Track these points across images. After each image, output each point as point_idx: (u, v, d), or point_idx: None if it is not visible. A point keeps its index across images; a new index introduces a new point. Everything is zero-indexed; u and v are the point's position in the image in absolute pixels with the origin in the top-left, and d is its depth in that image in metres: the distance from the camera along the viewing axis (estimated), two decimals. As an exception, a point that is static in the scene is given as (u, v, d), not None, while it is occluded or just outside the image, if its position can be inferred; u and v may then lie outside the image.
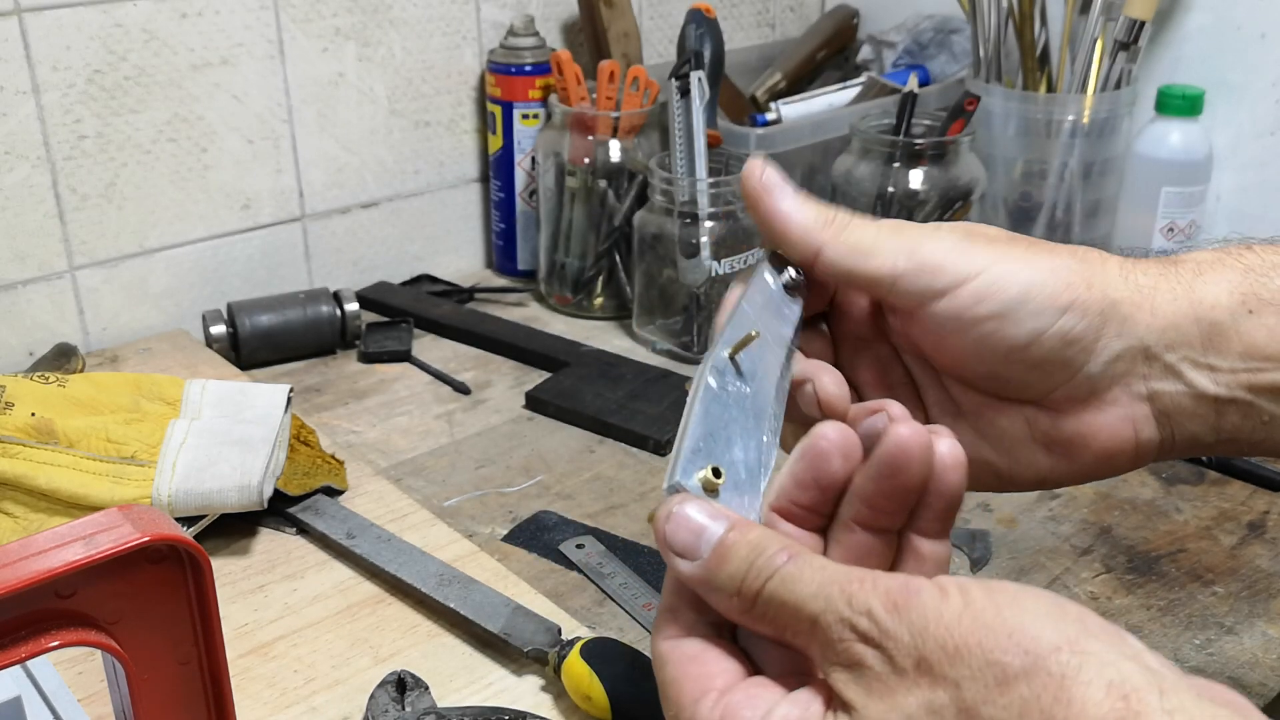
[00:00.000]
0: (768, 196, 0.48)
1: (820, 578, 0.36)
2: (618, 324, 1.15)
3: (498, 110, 1.19)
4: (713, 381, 0.43)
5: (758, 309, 0.48)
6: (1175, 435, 0.48)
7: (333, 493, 0.83)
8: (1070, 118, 1.10)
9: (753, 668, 0.40)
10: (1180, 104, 1.13)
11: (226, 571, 0.75)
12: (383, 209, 1.20)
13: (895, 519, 0.40)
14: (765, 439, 0.44)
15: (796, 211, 0.47)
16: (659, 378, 1.01)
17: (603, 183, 1.13)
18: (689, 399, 0.43)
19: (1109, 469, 0.48)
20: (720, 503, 0.40)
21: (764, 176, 0.48)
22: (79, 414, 0.79)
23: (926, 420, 0.50)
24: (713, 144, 1.08)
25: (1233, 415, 0.47)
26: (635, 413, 0.95)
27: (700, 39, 1.10)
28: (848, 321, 0.52)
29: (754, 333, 0.45)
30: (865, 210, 1.06)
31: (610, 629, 0.72)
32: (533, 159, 1.19)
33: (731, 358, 0.45)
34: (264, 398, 0.84)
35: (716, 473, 0.41)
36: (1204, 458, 0.88)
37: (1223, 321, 0.46)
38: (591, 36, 1.22)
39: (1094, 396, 0.47)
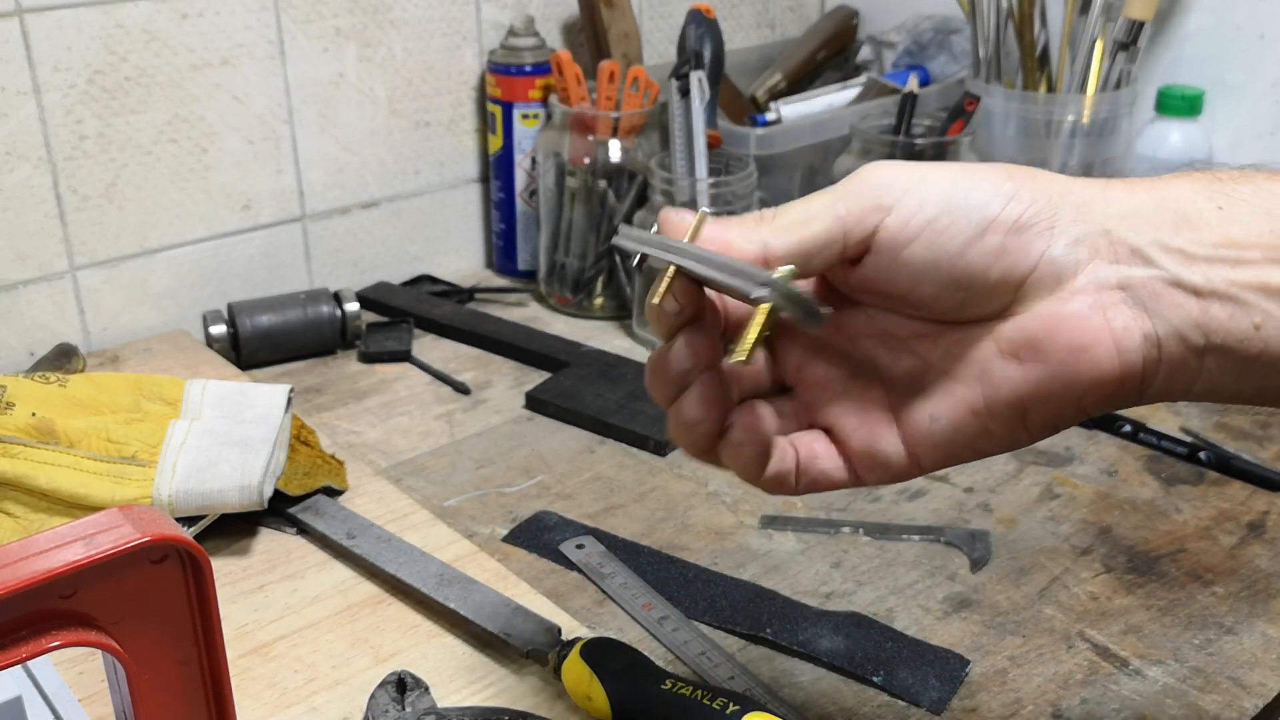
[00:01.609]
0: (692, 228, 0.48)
1: None
2: (618, 324, 1.15)
3: (498, 110, 1.19)
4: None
5: None
6: (1158, 330, 0.43)
7: (333, 493, 0.83)
8: (1070, 118, 1.10)
9: None
10: (1180, 104, 1.13)
11: (227, 571, 0.76)
12: (383, 209, 1.20)
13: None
14: None
15: (721, 230, 0.47)
16: (659, 378, 1.01)
17: (603, 183, 1.13)
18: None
19: (1090, 368, 0.43)
20: None
21: (677, 215, 0.49)
22: (80, 414, 0.79)
23: (891, 401, 0.49)
24: (713, 144, 1.08)
25: (1218, 311, 0.42)
26: (635, 413, 0.95)
27: (700, 39, 1.10)
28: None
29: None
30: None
31: (610, 629, 0.72)
32: (533, 159, 1.19)
33: None
34: (264, 398, 0.84)
35: None
36: (1202, 456, 0.88)
37: (1190, 213, 0.44)
38: (592, 37, 1.23)
39: (1059, 285, 0.44)
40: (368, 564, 0.75)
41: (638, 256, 0.49)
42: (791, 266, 0.43)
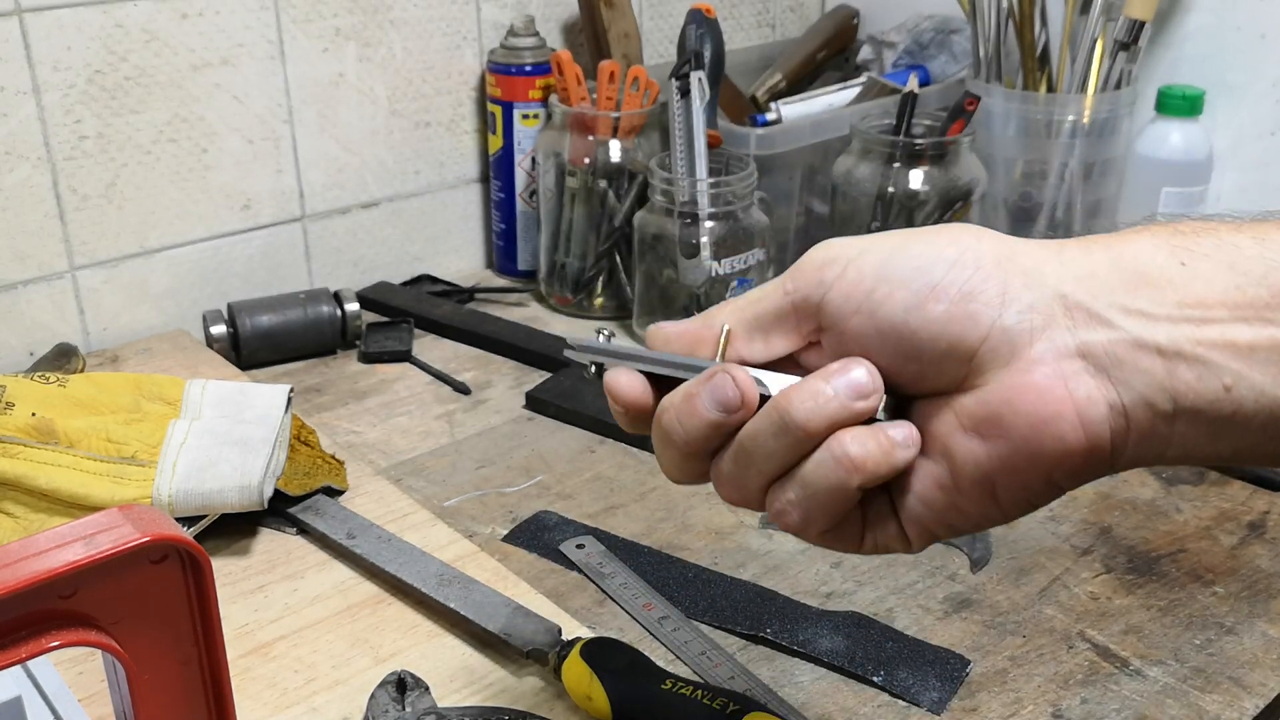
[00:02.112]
0: (661, 335, 0.49)
1: None
2: (618, 324, 1.15)
3: (498, 110, 1.19)
4: None
5: None
6: (1123, 398, 0.41)
7: (333, 493, 0.83)
8: (1070, 118, 1.10)
9: None
10: (1180, 104, 1.13)
11: (227, 571, 0.76)
12: (383, 209, 1.20)
13: None
14: None
15: (683, 326, 0.48)
16: (659, 378, 1.01)
17: (603, 183, 1.13)
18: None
19: (1054, 442, 0.41)
20: None
21: (653, 328, 0.49)
22: (79, 414, 0.79)
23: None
24: (713, 144, 1.08)
25: (1185, 373, 0.40)
26: (635, 413, 0.95)
27: (700, 39, 1.10)
28: None
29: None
30: (866, 210, 1.06)
31: (610, 629, 0.72)
32: (533, 159, 1.19)
33: None
34: (264, 398, 0.84)
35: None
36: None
37: (1150, 272, 0.41)
38: (592, 37, 1.23)
39: (1014, 355, 0.41)
40: (368, 564, 0.75)
41: (593, 366, 0.50)
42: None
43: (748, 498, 0.46)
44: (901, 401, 0.46)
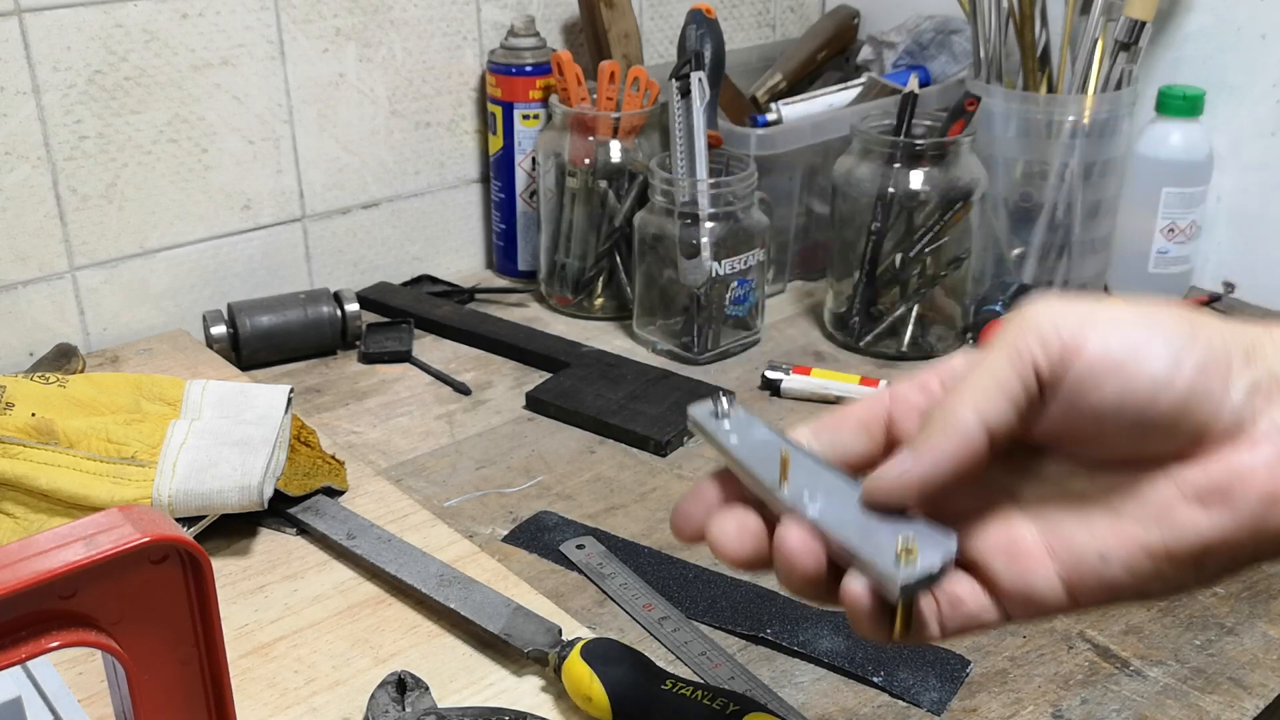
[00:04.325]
0: (907, 481, 0.44)
1: None
2: (618, 325, 1.15)
3: (498, 111, 1.19)
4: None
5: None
6: None
7: (333, 493, 0.83)
8: (1071, 118, 1.10)
9: None
10: (1181, 105, 1.13)
11: (227, 572, 0.75)
12: (383, 209, 1.20)
13: None
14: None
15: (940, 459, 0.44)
16: (659, 378, 1.01)
17: (603, 183, 1.13)
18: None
19: (1277, 515, 0.42)
20: None
21: (891, 475, 0.44)
22: (79, 414, 0.79)
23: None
24: (713, 144, 1.08)
25: None
26: (636, 413, 0.95)
27: (701, 39, 1.10)
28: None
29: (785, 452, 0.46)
30: (866, 211, 1.06)
31: (611, 629, 0.72)
32: (533, 159, 1.19)
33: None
34: (264, 398, 0.84)
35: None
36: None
37: None
38: (592, 37, 1.23)
39: (1241, 433, 0.42)
40: (368, 564, 0.75)
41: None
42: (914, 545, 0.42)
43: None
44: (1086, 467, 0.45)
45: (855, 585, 0.42)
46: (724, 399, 0.49)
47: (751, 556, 0.46)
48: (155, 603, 0.44)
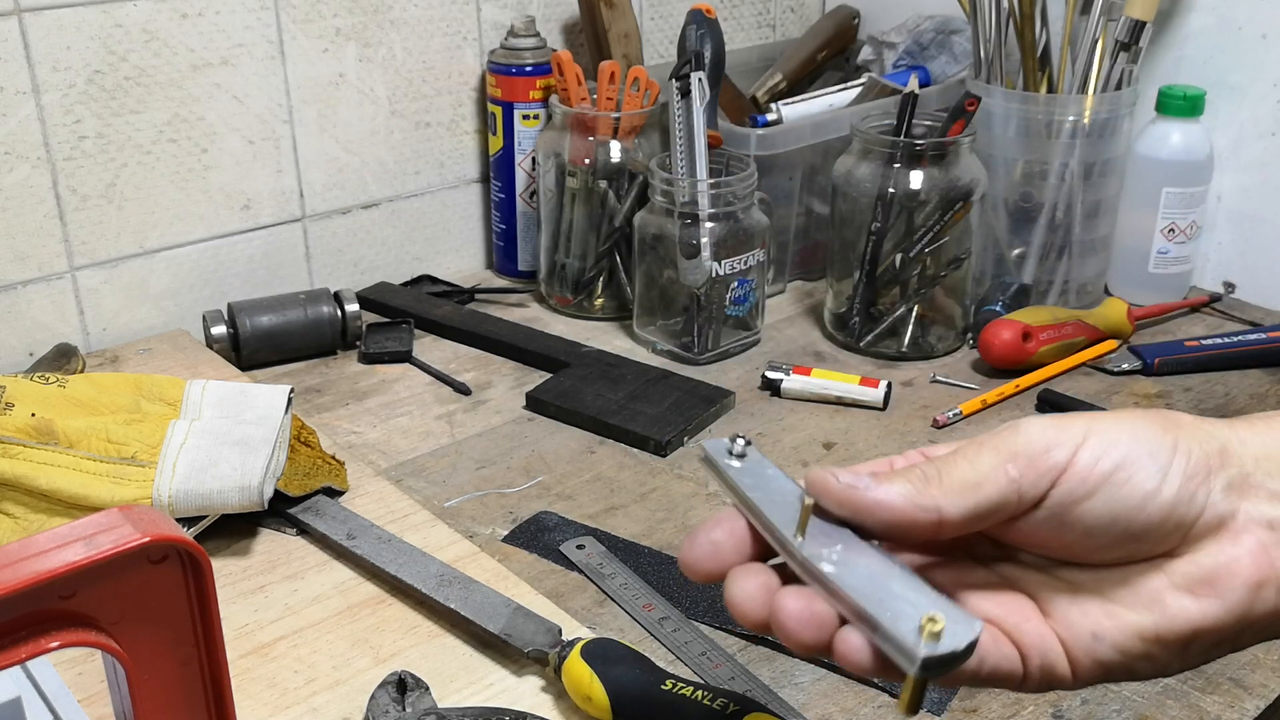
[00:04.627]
0: (857, 496, 0.45)
1: None
2: (618, 325, 1.15)
3: (498, 111, 1.19)
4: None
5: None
6: None
7: (333, 493, 0.83)
8: (1071, 118, 1.10)
9: None
10: (1181, 105, 1.13)
11: (227, 572, 0.75)
12: (383, 209, 1.20)
13: None
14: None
15: (892, 495, 0.45)
16: (659, 378, 1.01)
17: (603, 183, 1.13)
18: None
19: (1263, 603, 0.45)
20: None
21: (840, 480, 0.45)
22: (79, 414, 0.79)
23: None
24: (713, 145, 1.08)
25: None
26: (636, 413, 0.95)
27: (701, 39, 1.10)
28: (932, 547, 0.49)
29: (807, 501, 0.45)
30: (866, 211, 1.06)
31: (611, 629, 0.72)
32: (533, 160, 1.19)
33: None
34: (264, 398, 0.84)
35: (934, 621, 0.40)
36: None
37: None
38: (592, 37, 1.22)
39: (1224, 529, 0.45)
40: (368, 564, 0.75)
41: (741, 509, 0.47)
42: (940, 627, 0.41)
43: None
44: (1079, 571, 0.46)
45: (853, 640, 0.42)
46: (739, 439, 0.48)
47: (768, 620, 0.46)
48: (155, 603, 0.44)
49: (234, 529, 0.79)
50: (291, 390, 0.86)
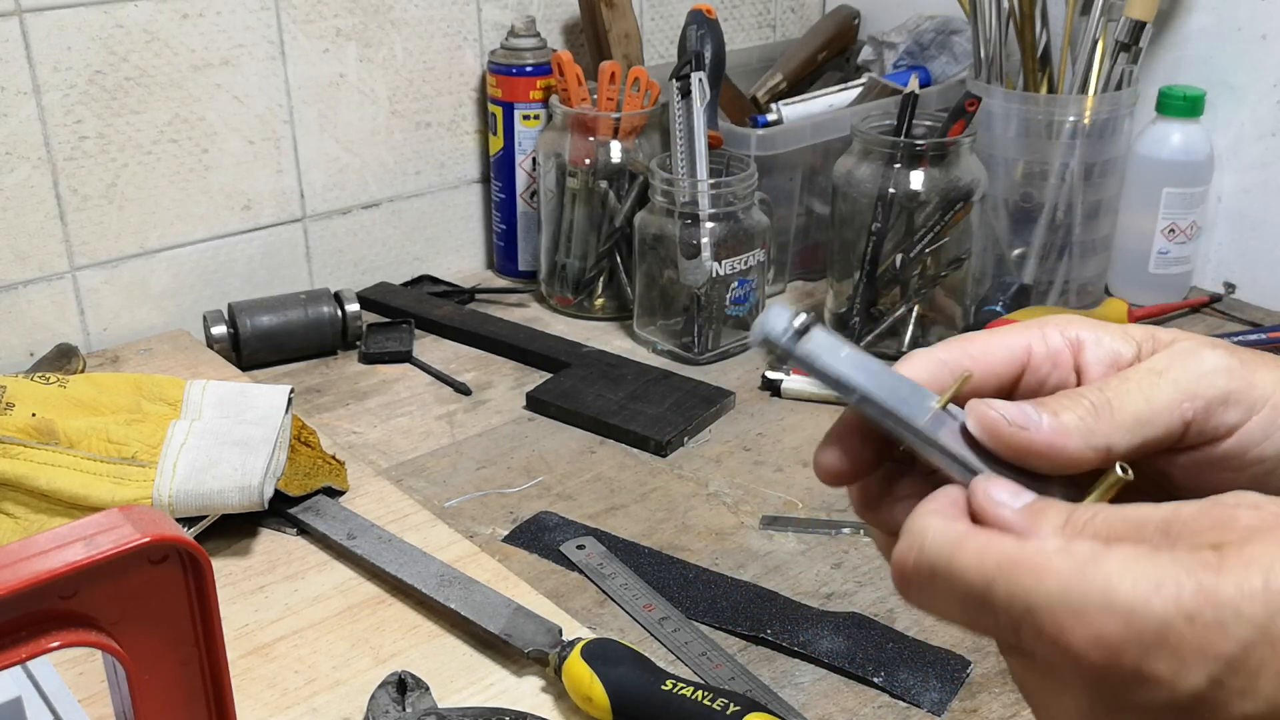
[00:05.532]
0: (1028, 440, 0.40)
1: None
2: (618, 325, 1.15)
3: (499, 111, 1.19)
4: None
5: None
6: None
7: (333, 493, 0.83)
8: (1071, 119, 1.10)
9: None
10: (1181, 105, 1.13)
11: (227, 572, 0.75)
12: (384, 210, 1.20)
13: None
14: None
15: (1066, 439, 0.40)
16: (660, 378, 1.01)
17: (604, 184, 1.13)
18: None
19: None
20: None
21: (1011, 422, 0.41)
22: (80, 414, 0.79)
23: None
24: (714, 145, 1.08)
25: None
26: (636, 414, 0.95)
27: (701, 40, 1.10)
28: None
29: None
30: (866, 211, 1.06)
31: (611, 630, 0.72)
32: (534, 160, 1.19)
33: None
34: (265, 398, 0.84)
35: None
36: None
37: None
38: (592, 37, 1.22)
39: None
40: (368, 564, 0.75)
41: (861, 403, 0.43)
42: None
43: None
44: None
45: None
46: (802, 315, 0.42)
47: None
48: (155, 603, 0.44)
49: (234, 529, 0.79)
50: (292, 390, 0.86)
